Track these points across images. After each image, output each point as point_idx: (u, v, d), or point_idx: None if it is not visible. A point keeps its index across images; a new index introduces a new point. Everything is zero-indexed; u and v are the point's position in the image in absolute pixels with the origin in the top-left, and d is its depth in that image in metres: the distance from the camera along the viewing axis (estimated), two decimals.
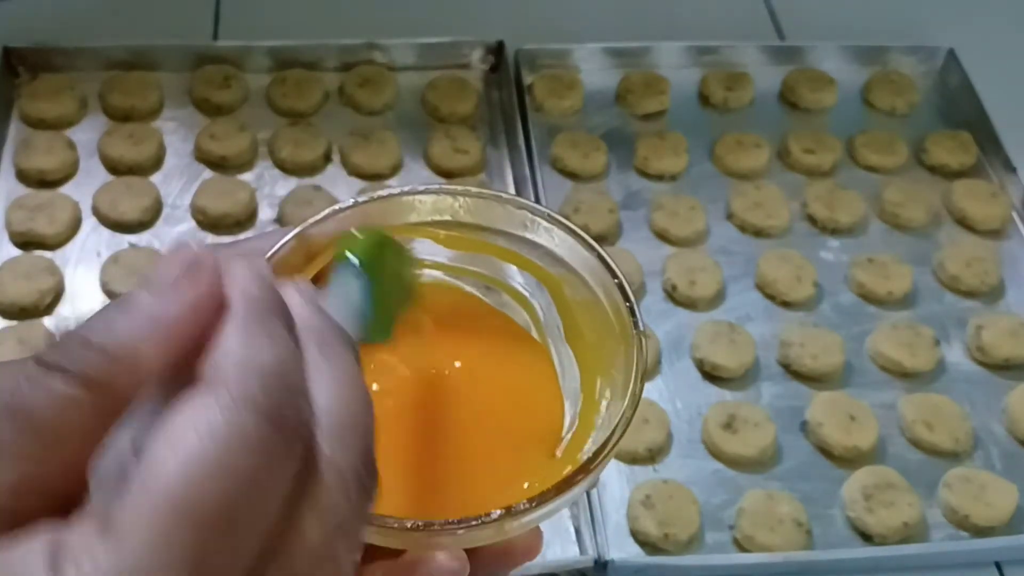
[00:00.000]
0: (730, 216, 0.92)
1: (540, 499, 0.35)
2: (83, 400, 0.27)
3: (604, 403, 0.39)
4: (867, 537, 0.74)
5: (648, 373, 0.81)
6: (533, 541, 0.38)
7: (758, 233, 0.91)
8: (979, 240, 0.92)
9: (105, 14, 1.04)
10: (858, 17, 1.10)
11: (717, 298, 0.86)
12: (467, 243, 0.42)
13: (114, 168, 0.91)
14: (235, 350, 0.28)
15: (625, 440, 0.83)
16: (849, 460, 0.77)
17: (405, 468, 0.38)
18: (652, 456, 0.77)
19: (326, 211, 0.40)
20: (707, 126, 0.99)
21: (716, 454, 0.77)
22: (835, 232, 0.92)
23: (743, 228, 0.91)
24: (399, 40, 1.01)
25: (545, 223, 0.41)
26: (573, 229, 0.40)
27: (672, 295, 0.86)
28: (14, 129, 0.93)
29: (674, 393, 0.81)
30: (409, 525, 0.34)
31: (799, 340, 0.82)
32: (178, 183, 0.91)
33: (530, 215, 0.41)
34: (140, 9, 1.05)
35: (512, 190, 0.92)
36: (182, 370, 0.28)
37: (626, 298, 0.39)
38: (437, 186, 0.41)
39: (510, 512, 0.34)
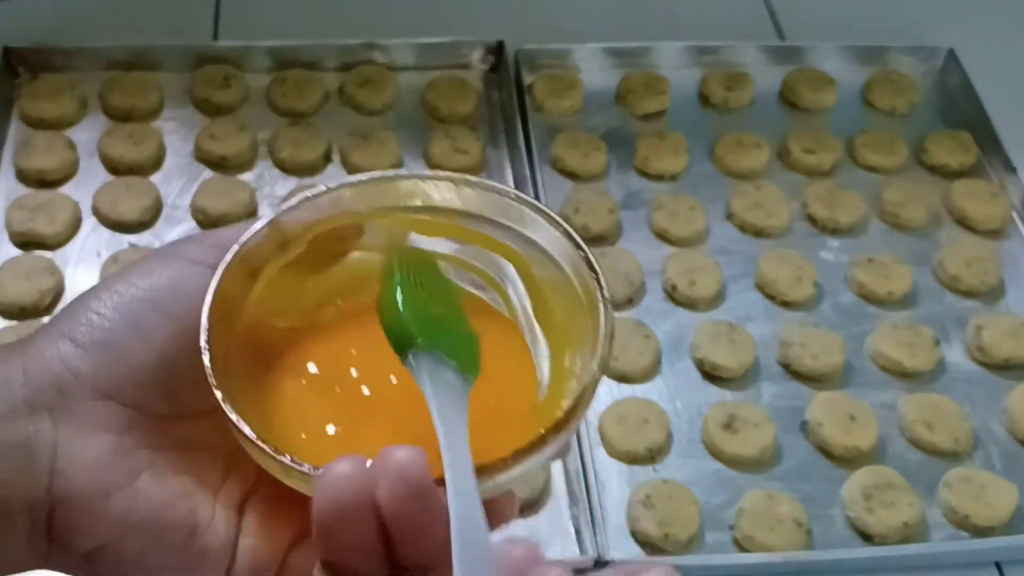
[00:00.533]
0: (730, 216, 0.92)
1: (514, 457, 0.35)
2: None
3: (575, 371, 0.39)
4: (867, 537, 0.74)
5: (649, 374, 0.81)
6: (508, 505, 0.39)
7: (758, 233, 0.91)
8: (979, 240, 0.92)
9: (105, 14, 1.04)
10: (858, 17, 1.10)
11: (717, 298, 0.86)
12: (438, 227, 0.43)
13: (114, 168, 0.91)
14: None
15: (625, 440, 0.83)
16: (849, 460, 0.77)
17: (383, 437, 0.38)
18: (652, 456, 0.77)
19: (298, 197, 0.41)
20: (707, 126, 0.99)
21: (716, 454, 0.77)
22: (835, 232, 0.92)
23: (743, 228, 0.91)
24: (399, 40, 1.01)
25: (513, 203, 0.41)
26: (540, 208, 0.41)
27: (672, 295, 0.86)
28: (14, 129, 0.93)
29: (674, 393, 0.81)
30: None
31: (799, 340, 0.82)
32: (178, 183, 0.91)
33: (497, 196, 0.41)
34: (140, 9, 1.05)
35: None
36: None
37: (592, 269, 0.40)
38: (406, 171, 0.42)
39: (486, 470, 0.35)
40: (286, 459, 0.35)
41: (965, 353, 0.85)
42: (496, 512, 0.38)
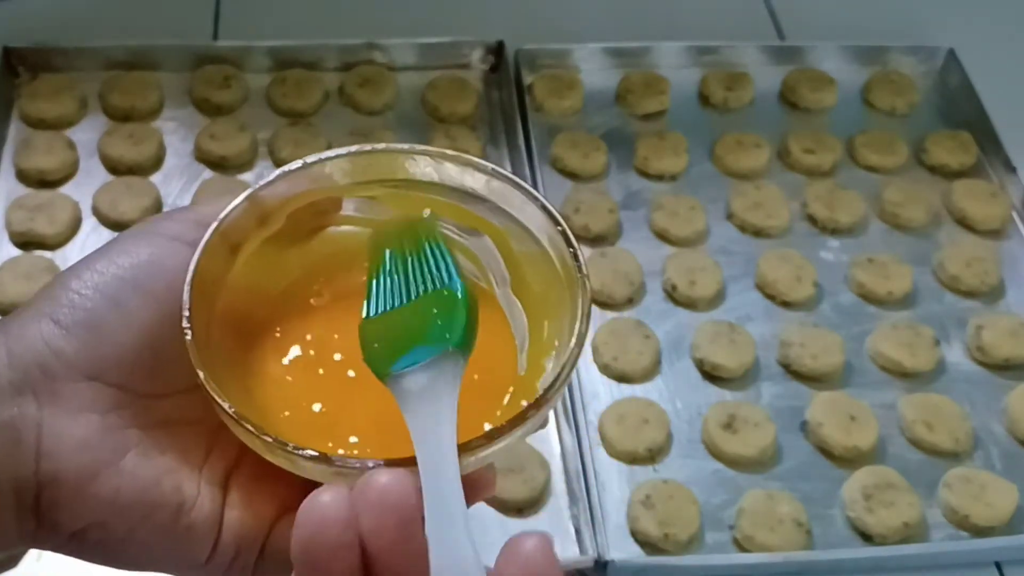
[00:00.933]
0: (730, 216, 0.92)
1: (494, 434, 0.36)
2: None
3: (554, 346, 0.39)
4: (867, 537, 0.74)
5: (648, 373, 0.81)
6: (489, 476, 0.39)
7: (758, 233, 0.91)
8: (979, 240, 0.92)
9: (105, 14, 1.04)
10: (858, 17, 1.10)
11: (717, 298, 0.86)
12: (413, 200, 0.43)
13: (114, 168, 0.91)
14: None
15: (625, 440, 0.83)
16: (849, 460, 0.77)
17: (365, 415, 0.39)
18: (652, 456, 0.77)
19: (276, 172, 0.41)
20: (707, 126, 0.99)
21: (716, 454, 0.77)
22: (835, 232, 0.92)
23: (743, 228, 0.91)
24: (399, 40, 1.01)
25: (488, 178, 0.42)
26: (516, 182, 0.41)
27: (672, 295, 0.86)
28: (14, 129, 0.93)
29: (674, 393, 0.81)
30: (371, 464, 0.35)
31: (799, 340, 0.82)
32: (178, 183, 0.91)
33: (473, 171, 0.42)
34: (140, 9, 1.05)
35: None
36: None
37: (569, 244, 0.40)
38: (384, 145, 0.42)
39: (467, 447, 0.35)
40: (269, 438, 0.36)
41: (965, 353, 0.85)
42: (477, 484, 0.38)
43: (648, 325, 0.83)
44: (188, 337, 0.37)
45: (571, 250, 0.40)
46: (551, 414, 0.78)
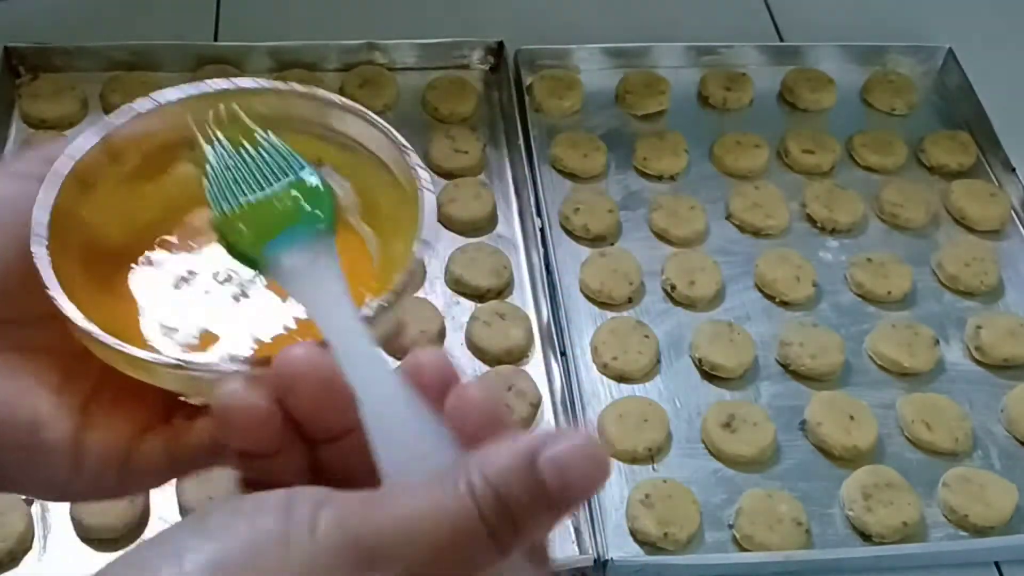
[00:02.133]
0: (729, 216, 0.92)
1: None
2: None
3: (405, 260, 0.40)
4: (866, 536, 0.74)
5: (648, 373, 0.81)
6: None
7: (757, 233, 0.91)
8: (978, 240, 0.92)
9: (106, 14, 1.04)
10: (857, 17, 1.10)
11: (716, 298, 0.86)
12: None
13: None
14: None
15: (625, 439, 0.83)
16: (848, 459, 0.77)
17: (235, 329, 0.40)
18: (652, 455, 0.77)
19: (128, 114, 0.42)
20: (706, 126, 0.99)
21: (715, 453, 0.77)
22: (834, 232, 0.92)
23: (742, 228, 0.91)
24: (399, 40, 1.01)
25: (339, 111, 0.43)
26: (363, 113, 0.42)
27: (671, 295, 0.86)
28: (15, 129, 0.93)
29: (674, 393, 0.81)
30: (234, 368, 0.35)
31: (798, 340, 0.82)
32: None
33: (324, 105, 0.43)
34: (141, 9, 1.05)
35: (512, 190, 0.92)
36: None
37: (411, 166, 0.41)
38: (233, 83, 0.43)
39: None
40: (124, 347, 0.36)
41: (964, 353, 0.85)
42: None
43: (648, 325, 0.83)
44: (37, 258, 0.37)
45: (412, 169, 0.40)
46: (553, 416, 0.78)
